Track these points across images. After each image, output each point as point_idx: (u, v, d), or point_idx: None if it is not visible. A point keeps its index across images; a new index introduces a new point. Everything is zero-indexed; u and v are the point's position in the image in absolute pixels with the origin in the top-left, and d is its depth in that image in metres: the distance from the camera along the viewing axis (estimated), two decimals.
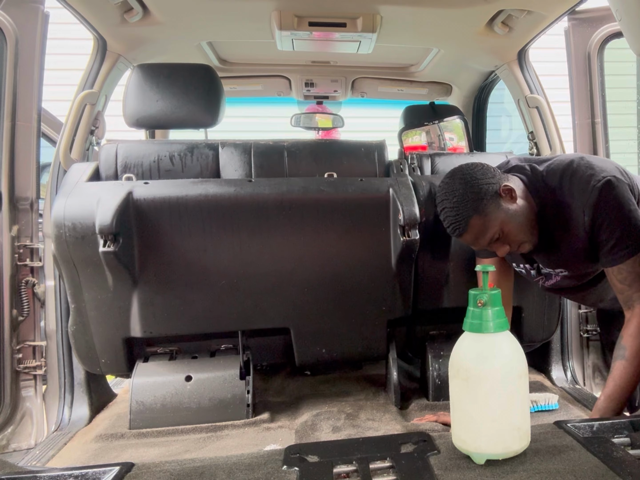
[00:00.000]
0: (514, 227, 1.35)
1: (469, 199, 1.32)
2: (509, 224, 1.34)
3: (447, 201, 1.35)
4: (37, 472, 1.09)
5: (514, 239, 1.37)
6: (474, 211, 1.31)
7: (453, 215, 1.33)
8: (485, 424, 1.03)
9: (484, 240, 1.35)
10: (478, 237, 1.35)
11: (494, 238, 1.35)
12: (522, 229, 1.37)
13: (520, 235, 1.37)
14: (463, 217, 1.32)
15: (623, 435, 1.09)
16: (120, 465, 1.09)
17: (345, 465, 1.04)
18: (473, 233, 1.34)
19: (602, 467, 0.95)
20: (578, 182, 1.33)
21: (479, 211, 1.31)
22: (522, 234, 1.37)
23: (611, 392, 1.31)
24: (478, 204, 1.31)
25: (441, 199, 1.37)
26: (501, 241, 1.37)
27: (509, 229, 1.35)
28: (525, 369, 1.06)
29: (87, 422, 1.77)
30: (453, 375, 1.08)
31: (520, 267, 1.62)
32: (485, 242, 1.36)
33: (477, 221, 1.32)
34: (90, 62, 2.01)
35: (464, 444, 1.05)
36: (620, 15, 1.22)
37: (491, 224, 1.32)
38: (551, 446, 1.03)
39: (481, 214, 1.31)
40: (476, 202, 1.31)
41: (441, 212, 1.38)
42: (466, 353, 1.06)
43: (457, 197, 1.33)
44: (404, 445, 1.11)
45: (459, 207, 1.32)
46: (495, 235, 1.34)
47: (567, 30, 2.10)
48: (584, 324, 2.09)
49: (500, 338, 1.06)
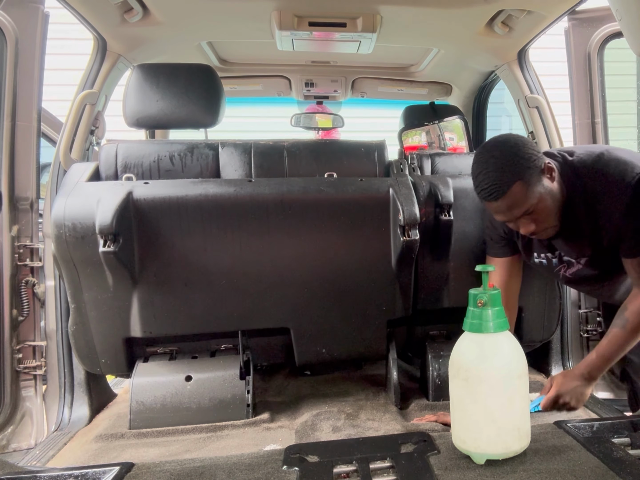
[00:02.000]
0: (547, 206, 1.33)
1: (517, 164, 1.28)
2: (544, 201, 1.32)
3: (492, 163, 1.29)
4: (37, 472, 1.09)
5: (543, 219, 1.36)
6: (519, 177, 1.27)
7: (496, 177, 1.28)
8: (485, 424, 1.03)
9: (517, 211, 1.31)
10: (513, 206, 1.30)
11: (528, 211, 1.32)
12: (552, 211, 1.36)
13: (549, 217, 1.36)
14: (507, 180, 1.27)
15: (623, 435, 1.09)
16: (120, 465, 1.09)
17: (345, 465, 1.05)
18: (510, 200, 1.29)
19: (602, 467, 0.95)
20: (611, 176, 1.32)
21: (524, 179, 1.28)
22: (551, 216, 1.36)
23: (604, 351, 1.41)
24: (525, 172, 1.28)
25: (485, 160, 1.31)
26: (531, 217, 1.34)
27: (542, 207, 1.32)
28: (525, 369, 1.06)
29: (87, 422, 1.77)
30: (453, 375, 1.08)
31: (541, 257, 1.58)
32: (518, 214, 1.32)
33: (519, 188, 1.28)
34: (90, 62, 2.01)
35: (463, 444, 1.05)
36: (620, 15, 1.22)
37: (530, 195, 1.29)
38: (551, 446, 1.04)
39: (524, 182, 1.28)
40: (524, 170, 1.28)
41: (481, 173, 1.31)
42: (466, 353, 1.06)
43: (505, 160, 1.28)
44: (404, 445, 1.11)
45: (505, 170, 1.27)
46: (530, 209, 1.31)
47: (567, 30, 2.10)
48: (584, 324, 2.09)
49: (500, 338, 1.06)
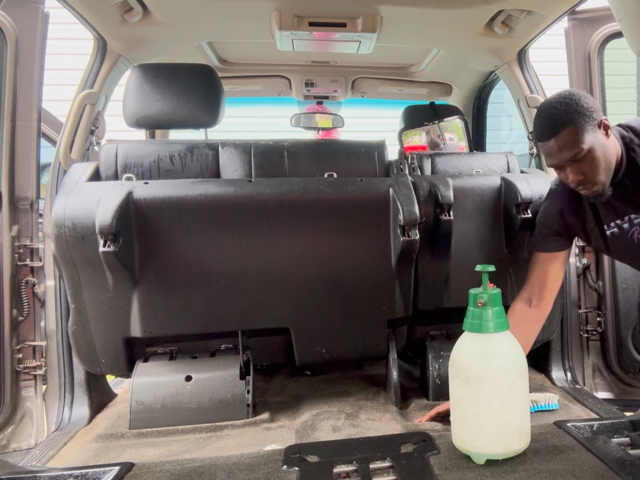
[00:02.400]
0: (596, 157, 1.38)
1: (578, 109, 1.36)
2: (594, 152, 1.38)
3: (551, 108, 1.39)
4: (37, 472, 1.09)
5: (592, 170, 1.40)
6: (576, 120, 1.35)
7: (556, 114, 1.37)
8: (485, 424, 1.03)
9: (567, 154, 1.38)
10: (563, 148, 1.37)
11: (578, 157, 1.38)
12: (602, 165, 1.40)
13: (597, 170, 1.40)
14: (565, 120, 1.36)
15: (623, 435, 1.09)
16: (120, 465, 1.09)
17: (345, 465, 1.05)
18: (562, 141, 1.37)
19: (602, 467, 0.95)
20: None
21: (580, 124, 1.35)
22: (600, 169, 1.40)
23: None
24: (582, 118, 1.36)
25: (545, 106, 1.41)
26: (580, 166, 1.40)
27: (592, 157, 1.38)
28: (525, 369, 1.06)
29: (87, 422, 1.77)
30: (453, 375, 1.08)
31: (612, 227, 1.59)
32: (567, 157, 1.39)
33: (571, 132, 1.35)
34: (90, 62, 2.01)
35: (463, 444, 1.05)
36: (620, 15, 1.23)
37: (583, 140, 1.36)
38: (551, 446, 1.04)
39: (578, 128, 1.35)
40: (582, 116, 1.36)
41: (540, 116, 1.41)
42: (466, 353, 1.06)
43: (569, 104, 1.37)
44: (404, 445, 1.11)
45: (566, 111, 1.36)
46: (580, 154, 1.37)
47: (567, 30, 2.10)
48: (584, 324, 2.09)
49: (500, 338, 1.06)
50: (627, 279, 2.06)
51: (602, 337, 2.09)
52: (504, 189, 1.83)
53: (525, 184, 1.78)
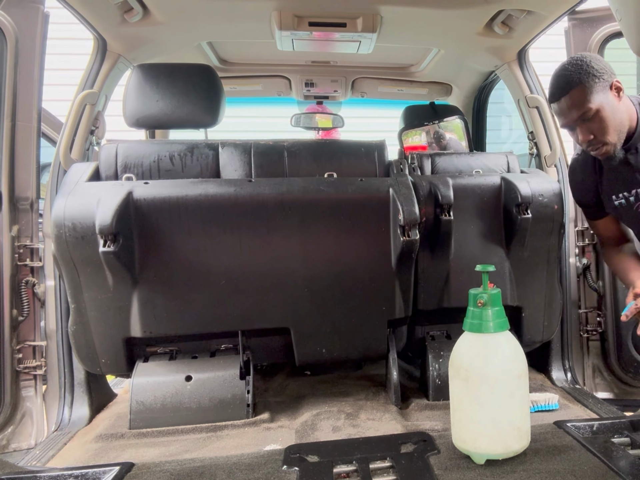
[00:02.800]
0: (606, 117, 1.42)
1: (588, 69, 1.41)
2: (604, 111, 1.41)
3: (567, 64, 1.44)
4: (37, 472, 1.09)
5: (601, 130, 1.44)
6: (585, 81, 1.40)
7: (566, 75, 1.42)
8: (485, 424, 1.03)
9: (576, 112, 1.42)
10: (573, 106, 1.42)
11: (586, 116, 1.42)
12: (612, 125, 1.43)
13: (607, 130, 1.44)
14: (574, 80, 1.41)
15: (623, 435, 1.09)
16: (120, 465, 1.09)
17: (345, 465, 1.05)
18: (571, 100, 1.41)
19: (602, 467, 0.95)
20: None
21: (589, 84, 1.40)
22: (610, 129, 1.44)
23: None
24: (592, 79, 1.40)
25: (563, 63, 1.46)
26: (589, 125, 1.44)
27: (601, 117, 1.41)
28: (525, 369, 1.06)
29: (87, 422, 1.77)
30: (453, 375, 1.08)
31: (620, 197, 1.63)
32: (576, 116, 1.43)
33: (581, 91, 1.40)
34: (90, 62, 2.01)
35: (463, 444, 1.05)
36: (620, 15, 1.23)
37: (591, 99, 1.40)
38: (551, 446, 1.03)
39: (587, 87, 1.40)
40: (591, 76, 1.40)
41: (557, 71, 1.46)
42: (466, 353, 1.06)
43: (580, 65, 1.42)
44: (404, 445, 1.11)
45: (577, 72, 1.41)
46: (589, 113, 1.41)
47: (567, 30, 2.10)
48: (584, 324, 2.09)
49: (500, 338, 1.06)
50: None
51: (602, 337, 2.09)
52: (504, 189, 1.83)
53: (525, 184, 1.78)
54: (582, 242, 2.11)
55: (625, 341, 2.05)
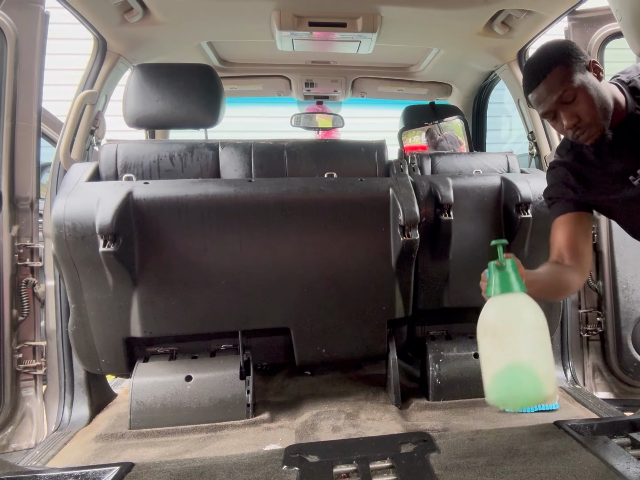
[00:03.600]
0: (589, 96, 1.35)
1: (564, 51, 1.36)
2: (586, 90, 1.35)
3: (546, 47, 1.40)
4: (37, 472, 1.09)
5: (585, 111, 1.36)
6: (560, 62, 1.35)
7: (544, 58, 1.38)
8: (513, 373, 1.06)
9: (556, 95, 1.36)
10: (553, 90, 1.35)
11: (568, 98, 1.35)
12: (596, 105, 1.36)
13: (592, 111, 1.36)
14: (552, 61, 1.35)
15: (623, 435, 1.09)
16: (120, 465, 1.09)
17: (345, 465, 1.04)
18: (551, 82, 1.35)
19: (602, 467, 0.95)
20: None
21: (567, 64, 1.35)
22: (596, 108, 1.36)
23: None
24: (569, 59, 1.35)
25: (542, 47, 1.41)
26: (572, 108, 1.37)
27: (584, 97, 1.35)
28: (544, 325, 1.10)
29: (87, 422, 1.77)
30: (481, 335, 1.11)
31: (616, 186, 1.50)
32: (557, 97, 1.36)
33: (559, 71, 1.34)
34: (90, 62, 2.01)
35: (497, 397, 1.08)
36: (620, 15, 1.23)
37: (571, 79, 1.34)
38: (551, 446, 1.03)
39: (565, 67, 1.35)
40: (569, 57, 1.36)
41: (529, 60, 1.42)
42: (490, 312, 1.12)
43: (556, 47, 1.38)
44: (404, 445, 1.11)
45: (553, 54, 1.37)
46: (570, 95, 1.35)
47: (567, 30, 2.10)
48: (584, 324, 2.09)
49: (519, 297, 1.11)
50: (627, 279, 2.06)
51: (602, 337, 2.09)
52: (504, 189, 1.83)
53: (525, 184, 1.78)
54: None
55: (625, 341, 2.05)
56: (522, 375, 1.03)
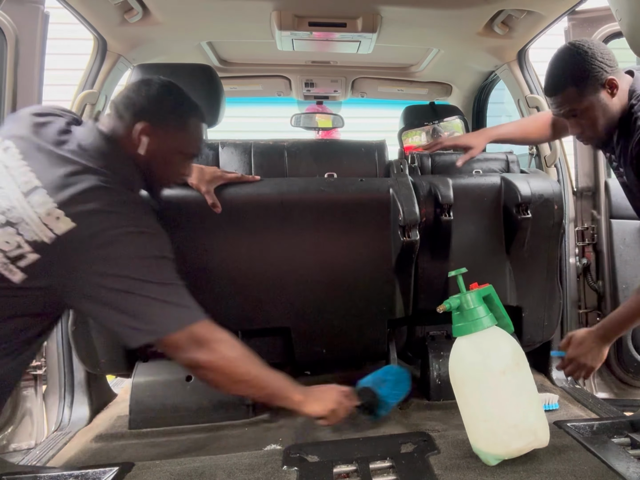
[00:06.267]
0: (596, 117, 1.39)
1: (578, 71, 1.36)
2: (594, 111, 1.38)
3: (559, 60, 1.41)
4: (37, 472, 1.09)
5: (588, 127, 1.42)
6: (574, 83, 1.37)
7: (555, 76, 1.41)
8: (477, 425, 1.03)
9: (565, 110, 1.42)
10: (563, 105, 1.41)
11: (574, 114, 1.41)
12: (599, 123, 1.41)
13: (594, 127, 1.42)
14: (563, 83, 1.38)
15: (623, 435, 1.09)
16: (120, 465, 1.09)
17: (345, 465, 1.05)
18: (562, 99, 1.40)
19: (602, 467, 0.95)
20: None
21: (578, 86, 1.37)
22: (598, 127, 1.41)
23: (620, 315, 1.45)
24: (581, 81, 1.36)
25: (558, 54, 1.43)
26: (578, 121, 1.42)
27: (591, 116, 1.39)
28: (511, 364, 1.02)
29: (87, 422, 1.77)
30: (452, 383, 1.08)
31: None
32: (565, 112, 1.42)
33: (571, 93, 1.38)
34: (90, 62, 2.01)
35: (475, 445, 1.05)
36: (620, 15, 1.23)
37: (581, 101, 1.37)
38: (551, 446, 1.03)
39: (578, 89, 1.37)
40: (581, 79, 1.36)
41: (549, 69, 1.44)
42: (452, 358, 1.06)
43: (570, 64, 1.38)
44: (404, 445, 1.11)
45: (565, 73, 1.38)
46: (578, 112, 1.40)
47: (567, 30, 2.10)
48: (584, 324, 2.09)
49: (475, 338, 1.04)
50: (627, 279, 2.06)
51: None
52: (504, 189, 1.83)
53: (525, 184, 1.78)
54: (582, 242, 2.11)
55: (625, 341, 2.05)
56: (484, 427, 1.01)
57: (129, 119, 1.18)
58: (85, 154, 1.12)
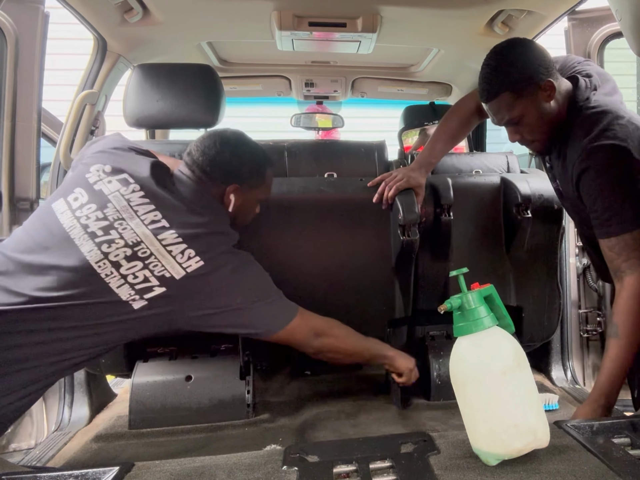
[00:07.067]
0: (532, 122, 1.35)
1: (512, 74, 1.31)
2: (532, 116, 1.33)
3: (492, 64, 1.34)
4: (37, 472, 1.09)
5: (527, 132, 1.38)
6: (509, 88, 1.31)
7: (489, 81, 1.33)
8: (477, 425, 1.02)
9: (502, 118, 1.36)
10: (499, 112, 1.35)
11: (513, 121, 1.36)
12: (538, 127, 1.36)
13: (533, 133, 1.37)
14: (497, 87, 1.32)
15: (623, 435, 1.09)
16: (120, 465, 1.09)
17: (345, 465, 1.04)
18: (497, 105, 1.34)
19: (602, 467, 0.95)
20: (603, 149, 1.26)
21: (514, 90, 1.30)
22: (538, 132, 1.37)
23: (610, 372, 1.35)
24: (516, 84, 1.30)
25: (490, 57, 1.36)
26: (517, 127, 1.38)
27: (529, 122, 1.35)
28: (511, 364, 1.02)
29: (87, 422, 1.77)
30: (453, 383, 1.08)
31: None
32: (501, 120, 1.37)
33: (506, 98, 1.32)
34: (90, 62, 2.01)
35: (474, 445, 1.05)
36: (620, 15, 1.22)
37: (517, 107, 1.32)
38: (551, 446, 1.03)
39: (513, 94, 1.31)
40: (517, 82, 1.30)
41: (483, 68, 1.36)
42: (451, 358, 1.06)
43: (503, 67, 1.32)
44: (404, 445, 1.10)
45: (498, 77, 1.32)
46: (515, 119, 1.35)
47: (567, 30, 2.10)
48: (584, 324, 2.09)
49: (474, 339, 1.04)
50: None
51: (602, 337, 2.09)
52: (504, 189, 1.83)
53: (525, 184, 1.78)
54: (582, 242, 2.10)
55: None
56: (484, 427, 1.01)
57: (220, 180, 1.38)
58: (197, 204, 1.32)
